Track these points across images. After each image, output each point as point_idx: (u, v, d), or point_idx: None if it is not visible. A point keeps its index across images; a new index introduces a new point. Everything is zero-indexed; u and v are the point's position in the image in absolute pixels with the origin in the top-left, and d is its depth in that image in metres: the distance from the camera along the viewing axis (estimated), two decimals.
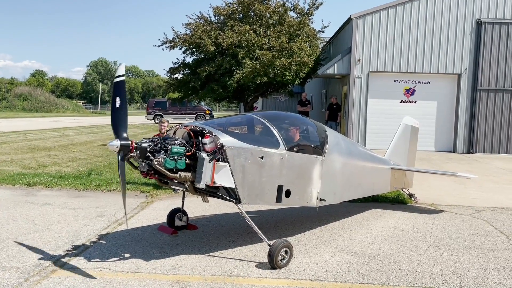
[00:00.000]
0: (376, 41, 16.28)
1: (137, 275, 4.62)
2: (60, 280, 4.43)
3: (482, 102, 16.16)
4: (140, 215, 7.16)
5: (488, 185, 10.41)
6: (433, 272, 4.91)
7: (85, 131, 25.58)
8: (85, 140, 20.10)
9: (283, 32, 16.28)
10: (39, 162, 12.67)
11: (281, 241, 4.96)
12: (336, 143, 6.40)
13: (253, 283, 4.50)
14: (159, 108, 37.36)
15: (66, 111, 64.71)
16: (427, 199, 8.76)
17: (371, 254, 5.49)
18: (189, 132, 5.04)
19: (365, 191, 7.34)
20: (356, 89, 16.37)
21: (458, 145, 16.52)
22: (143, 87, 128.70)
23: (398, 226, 6.87)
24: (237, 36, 16.25)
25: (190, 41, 17.08)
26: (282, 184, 5.39)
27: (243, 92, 18.17)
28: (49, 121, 35.53)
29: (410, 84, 16.60)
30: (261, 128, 5.55)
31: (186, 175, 4.76)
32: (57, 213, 7.08)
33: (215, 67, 16.78)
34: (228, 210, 7.45)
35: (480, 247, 5.85)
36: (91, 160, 13.84)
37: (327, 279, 4.64)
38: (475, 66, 16.02)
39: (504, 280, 4.71)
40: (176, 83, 18.91)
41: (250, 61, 16.12)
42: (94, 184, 9.22)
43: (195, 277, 4.61)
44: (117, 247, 5.50)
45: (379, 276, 4.76)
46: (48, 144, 17.58)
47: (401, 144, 8.47)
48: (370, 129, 16.44)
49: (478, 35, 15.94)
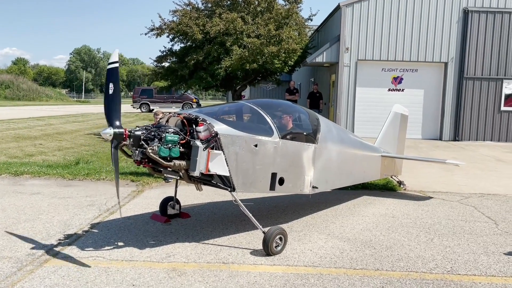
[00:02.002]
0: (365, 29, 16.30)
1: (132, 263, 4.61)
2: (54, 269, 4.39)
3: (468, 90, 16.36)
4: (131, 203, 7.12)
5: (474, 172, 10.60)
6: (425, 257, 4.99)
7: (70, 119, 25.22)
8: (71, 129, 19.84)
9: (271, 20, 16.16)
10: (24, 151, 12.48)
11: (276, 228, 4.99)
12: (328, 131, 6.43)
13: (248, 269, 4.52)
14: (145, 97, 36.98)
15: (49, 99, 63.58)
16: (416, 186, 8.88)
17: (364, 240, 5.56)
18: (183, 120, 5.00)
19: (356, 178, 7.41)
20: (344, 77, 16.41)
21: (444, 133, 16.74)
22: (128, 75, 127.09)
23: (389, 212, 6.96)
24: (225, 24, 16.08)
25: (178, 29, 16.85)
26: (275, 172, 5.40)
27: (231, 80, 18.06)
28: (33, 109, 34.88)
29: (398, 72, 16.70)
30: (254, 116, 5.53)
31: (181, 163, 4.73)
32: (47, 203, 7.00)
33: (203, 55, 16.62)
34: (220, 199, 7.44)
35: (469, 233, 5.97)
36: (77, 149, 13.68)
37: (322, 265, 4.69)
38: (462, 54, 16.18)
39: (494, 265, 4.82)
40: (163, 71, 18.69)
41: (239, 49, 16.00)
42: (83, 173, 9.12)
43: (190, 264, 4.62)
44: (110, 236, 5.47)
45: (372, 262, 4.82)
46: (33, 133, 17.30)
47: (391, 132, 8.54)
48: (358, 117, 16.54)
49: (465, 24, 16.08)
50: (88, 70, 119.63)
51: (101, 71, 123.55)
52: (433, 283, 4.30)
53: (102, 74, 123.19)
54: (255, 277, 4.34)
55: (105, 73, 4.99)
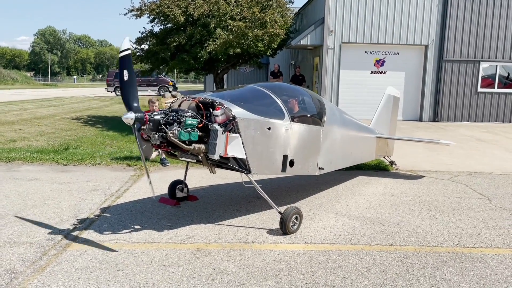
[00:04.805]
0: (348, 12, 16.46)
1: (155, 245, 4.68)
2: (79, 253, 4.42)
3: (447, 72, 16.85)
4: (134, 187, 7.12)
5: (458, 152, 11.05)
6: (432, 232, 5.27)
7: (44, 104, 24.51)
8: (48, 113, 19.33)
9: (254, 2, 16.08)
10: (6, 137, 12.14)
11: (292, 208, 5.14)
12: (332, 113, 6.59)
13: (270, 248, 4.67)
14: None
15: (15, 83, 61.27)
16: (406, 166, 9.21)
17: (371, 218, 5.80)
18: (197, 104, 5.05)
19: (355, 159, 7.64)
20: (328, 60, 16.59)
21: (424, 114, 17.25)
22: (95, 58, 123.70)
23: (387, 191, 7.23)
24: (208, 5, 15.89)
25: (158, 11, 16.52)
26: (286, 154, 5.53)
27: (213, 63, 17.93)
28: (1, 93, 33.64)
29: (380, 55, 17.01)
30: (266, 99, 5.61)
31: (200, 146, 4.79)
32: (49, 188, 6.92)
33: (186, 37, 16.39)
34: (222, 181, 7.54)
35: (467, 208, 6.30)
36: (59, 134, 13.42)
37: (339, 242, 4.89)
38: (441, 37, 16.60)
39: (496, 238, 5.14)
40: (143, 54, 18.35)
41: (222, 31, 15.86)
42: (76, 159, 9.01)
43: (212, 245, 4.73)
44: (124, 219, 5.50)
45: (385, 238, 5.06)
46: (9, 118, 16.78)
47: (384, 114, 8.80)
48: (342, 100, 16.80)
49: (445, 7, 16.46)
50: (53, 52, 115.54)
51: (67, 53, 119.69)
52: (446, 256, 4.57)
53: (68, 56, 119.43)
54: (278, 254, 4.50)
55: (118, 61, 4.95)
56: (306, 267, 4.21)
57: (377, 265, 4.31)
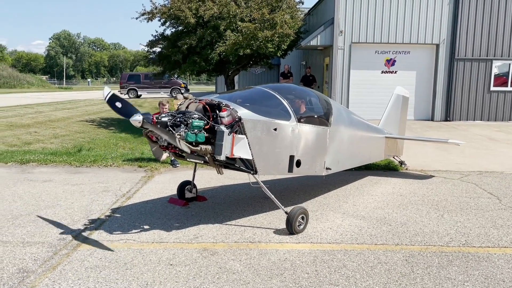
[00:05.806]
0: (358, 12, 16.43)
1: (163, 244, 4.77)
2: (89, 252, 4.53)
3: (459, 71, 16.70)
4: (145, 189, 7.24)
5: (469, 151, 10.95)
6: (439, 232, 5.27)
7: (59, 107, 24.90)
8: (62, 116, 19.65)
9: (264, 3, 16.15)
10: (21, 140, 12.41)
11: (298, 208, 5.19)
12: (339, 114, 6.62)
13: (276, 247, 4.73)
14: (133, 82, 36.61)
15: (30, 86, 62.35)
16: (416, 166, 9.18)
17: (378, 217, 5.81)
18: (205, 106, 5.13)
19: (363, 159, 7.65)
20: (339, 60, 16.57)
21: (436, 114, 17.12)
22: (109, 61, 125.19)
23: (396, 191, 7.23)
24: (218, 7, 16.02)
25: (169, 13, 16.70)
26: (293, 155, 5.58)
27: (224, 64, 18.05)
28: (17, 97, 34.28)
29: (391, 54, 16.93)
30: (272, 100, 5.66)
31: (207, 148, 4.87)
32: (61, 189, 7.07)
33: (196, 39, 16.54)
34: (231, 182, 7.62)
35: (476, 208, 6.27)
36: (73, 136, 13.68)
37: (344, 242, 4.92)
38: (453, 36, 16.46)
39: (504, 237, 5.12)
40: (156, 57, 18.57)
41: (232, 33, 15.97)
42: (89, 160, 9.18)
43: (219, 244, 4.80)
44: (134, 219, 5.60)
45: (391, 237, 5.08)
46: (25, 121, 17.11)
47: (393, 114, 8.78)
48: (352, 100, 16.77)
49: (456, 5, 16.32)
50: (68, 56, 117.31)
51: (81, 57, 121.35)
52: (452, 255, 4.57)
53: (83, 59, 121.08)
54: (284, 254, 4.55)
55: (109, 105, 4.94)
56: (311, 266, 4.26)
57: (382, 264, 4.33)
